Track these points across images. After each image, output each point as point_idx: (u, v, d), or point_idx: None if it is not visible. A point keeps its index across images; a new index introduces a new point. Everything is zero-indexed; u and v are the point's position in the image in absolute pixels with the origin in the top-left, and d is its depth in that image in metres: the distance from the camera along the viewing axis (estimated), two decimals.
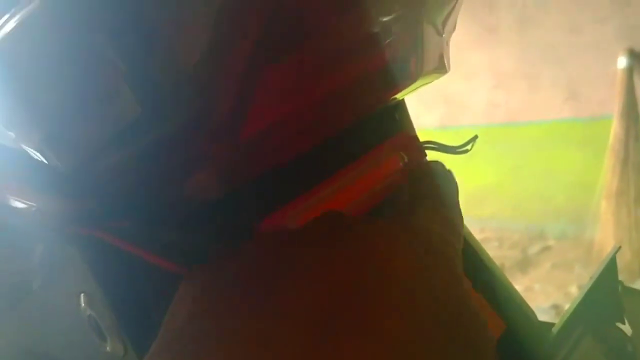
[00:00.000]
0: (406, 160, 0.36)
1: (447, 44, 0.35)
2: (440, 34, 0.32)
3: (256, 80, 0.25)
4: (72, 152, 0.25)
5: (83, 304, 0.31)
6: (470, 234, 0.41)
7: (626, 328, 0.40)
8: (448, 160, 0.42)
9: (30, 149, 0.25)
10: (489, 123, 2.63)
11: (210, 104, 0.24)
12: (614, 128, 2.27)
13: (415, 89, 0.34)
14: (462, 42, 2.43)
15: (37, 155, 0.25)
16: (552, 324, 0.40)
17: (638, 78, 2.23)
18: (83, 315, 0.32)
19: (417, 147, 0.37)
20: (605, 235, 2.34)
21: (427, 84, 0.34)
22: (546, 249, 2.59)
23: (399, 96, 0.34)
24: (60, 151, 0.25)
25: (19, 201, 0.29)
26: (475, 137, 0.41)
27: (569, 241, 2.56)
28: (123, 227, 0.28)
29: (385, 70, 0.28)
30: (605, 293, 0.41)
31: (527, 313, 0.39)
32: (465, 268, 0.39)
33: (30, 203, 0.28)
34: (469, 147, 0.41)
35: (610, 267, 0.41)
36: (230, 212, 0.30)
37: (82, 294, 0.31)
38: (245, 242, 0.28)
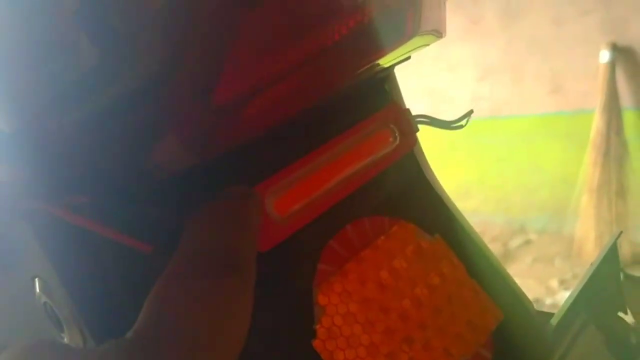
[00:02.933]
0: (397, 133, 0.33)
1: (445, 3, 0.32)
2: None
3: (232, 29, 0.22)
4: (18, 110, 0.21)
5: (38, 290, 0.28)
6: (463, 217, 0.38)
7: (628, 318, 0.38)
8: (430, 153, 0.39)
9: None
10: (472, 116, 2.62)
11: (178, 54, 0.21)
12: (596, 122, 2.27)
13: (407, 54, 0.32)
14: (447, 34, 2.40)
15: None
16: (551, 315, 0.38)
17: (620, 72, 2.24)
18: (38, 303, 0.28)
19: (408, 120, 0.34)
20: (586, 229, 2.35)
21: (421, 47, 0.32)
22: (527, 242, 2.59)
23: (389, 62, 0.31)
24: (5, 109, 0.21)
25: None
26: (471, 111, 0.38)
27: (550, 235, 2.56)
28: (81, 203, 0.25)
29: (377, 24, 0.25)
30: (606, 281, 0.39)
31: (524, 302, 0.37)
32: (460, 253, 0.36)
33: None
34: (463, 122, 0.38)
35: (612, 254, 0.39)
36: (203, 186, 0.27)
37: (36, 279, 0.28)
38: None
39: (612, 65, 2.23)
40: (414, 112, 0.37)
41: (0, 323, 0.33)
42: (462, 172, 2.68)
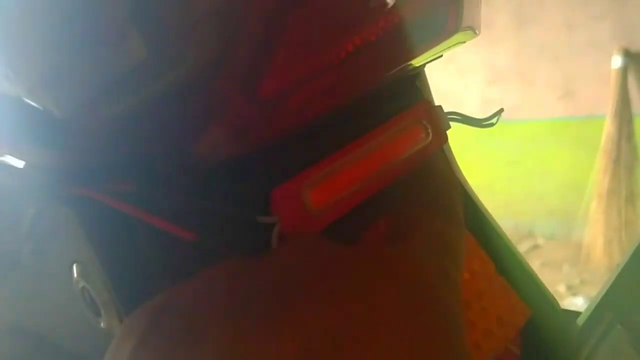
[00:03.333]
0: (429, 130, 0.34)
1: (481, 2, 0.32)
2: None
3: (280, 26, 0.22)
4: (70, 96, 0.22)
5: (76, 275, 0.28)
6: (491, 215, 0.39)
7: None
8: None
9: (24, 91, 0.22)
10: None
11: (228, 48, 0.21)
12: (607, 128, 2.26)
13: (441, 52, 0.32)
14: None
15: (31, 100, 0.22)
16: (578, 313, 0.38)
17: (632, 78, 2.23)
18: (75, 288, 0.29)
19: (440, 117, 0.35)
20: (595, 235, 2.34)
21: (457, 45, 0.32)
22: (535, 247, 2.58)
23: (423, 60, 0.31)
24: (57, 94, 0.22)
25: (8, 156, 0.25)
26: (501, 110, 0.38)
27: (558, 240, 2.56)
28: (127, 189, 0.26)
29: (420, 20, 0.25)
30: (633, 280, 0.39)
31: (551, 300, 0.37)
32: (489, 250, 0.36)
33: (22, 158, 0.25)
34: (494, 120, 0.38)
35: (638, 254, 0.39)
36: (244, 177, 0.27)
37: (74, 264, 0.28)
38: (281, 246, 0.25)
39: (624, 71, 2.22)
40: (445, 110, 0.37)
41: (37, 306, 0.33)
42: (471, 175, 2.66)
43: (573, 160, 2.43)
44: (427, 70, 0.37)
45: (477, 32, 0.32)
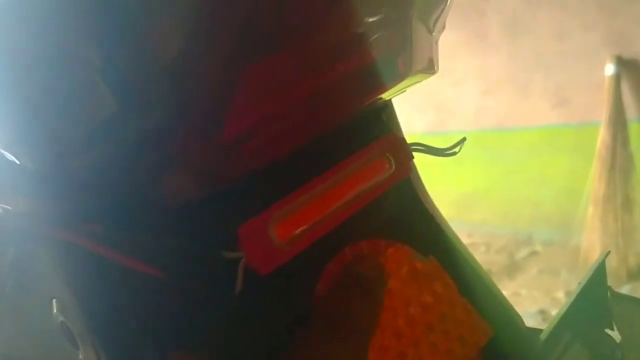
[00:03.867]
0: (392, 161, 0.35)
1: (436, 44, 0.34)
2: (430, 32, 0.31)
3: (237, 78, 0.24)
4: (43, 150, 0.23)
5: (55, 310, 0.30)
6: (458, 238, 0.40)
7: (615, 334, 0.40)
8: (438, 165, 0.41)
9: (1, 146, 0.24)
10: (478, 129, 2.62)
11: (189, 101, 0.23)
12: (602, 134, 2.27)
13: (403, 89, 0.34)
14: (452, 48, 2.42)
15: (8, 155, 0.24)
16: (540, 330, 0.39)
17: (625, 85, 2.24)
18: (56, 322, 0.31)
19: (404, 149, 0.36)
20: (592, 241, 2.34)
21: (415, 84, 0.34)
22: (533, 254, 2.58)
23: (386, 96, 0.33)
24: (31, 150, 0.24)
25: None
26: (464, 139, 0.40)
27: (556, 247, 2.56)
28: (98, 230, 0.27)
29: (371, 68, 0.27)
30: (594, 299, 0.40)
31: (514, 319, 0.38)
32: (453, 273, 0.38)
33: (1, 204, 0.27)
34: (457, 149, 0.40)
35: (599, 273, 0.41)
36: (211, 215, 0.29)
37: (54, 300, 0.30)
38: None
39: (617, 78, 2.23)
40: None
41: (21, 340, 0.35)
42: (469, 184, 2.69)
43: (569, 167, 2.44)
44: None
45: (434, 71, 0.34)
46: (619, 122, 2.25)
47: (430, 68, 0.33)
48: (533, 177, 2.55)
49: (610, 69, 2.23)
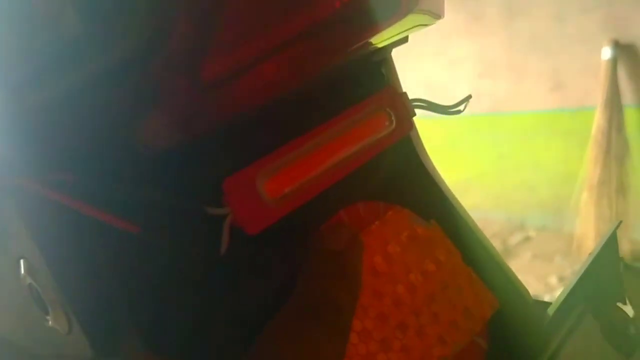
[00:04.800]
0: (393, 117, 0.33)
1: None
2: None
3: (220, 4, 0.21)
4: (0, 82, 0.21)
5: (23, 271, 0.27)
6: (460, 204, 0.38)
7: (628, 309, 0.37)
8: (431, 149, 0.39)
9: None
10: (473, 112, 2.60)
11: (166, 25, 0.20)
12: (597, 119, 2.26)
13: (403, 33, 0.31)
14: (448, 30, 2.40)
15: None
16: (548, 304, 0.37)
17: (622, 69, 2.23)
18: (24, 284, 0.28)
19: (405, 104, 0.34)
20: (586, 227, 2.34)
21: (418, 27, 0.31)
22: (527, 239, 2.58)
23: (384, 41, 0.30)
24: None
25: None
26: (469, 97, 0.38)
27: (549, 232, 2.56)
28: (67, 180, 0.25)
29: (369, 0, 0.24)
30: (605, 270, 0.38)
31: (521, 291, 0.36)
32: (455, 240, 0.36)
33: None
34: (461, 107, 0.38)
35: (611, 244, 0.39)
36: (194, 166, 0.26)
37: (22, 260, 0.27)
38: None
39: (613, 62, 2.21)
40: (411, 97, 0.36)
41: None
42: (462, 168, 2.67)
43: (564, 152, 2.43)
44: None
45: (440, 15, 0.31)
46: (615, 106, 2.24)
47: (437, 10, 0.30)
48: (527, 161, 2.54)
49: (607, 52, 2.21)
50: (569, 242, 2.40)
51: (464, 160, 2.69)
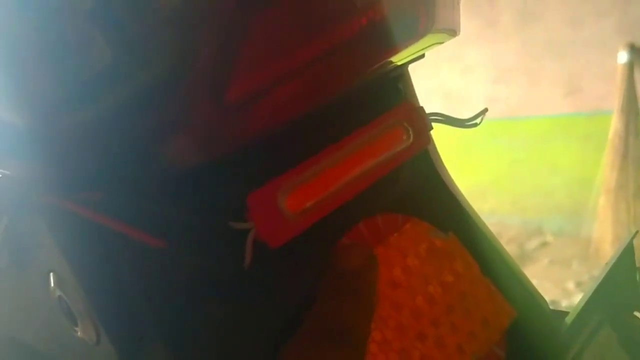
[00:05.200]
0: (410, 131, 0.33)
1: (459, 3, 0.32)
2: None
3: (243, 29, 0.22)
4: (33, 106, 0.22)
5: (52, 284, 0.28)
6: (478, 215, 0.38)
7: None
8: (448, 154, 0.39)
9: None
10: (488, 118, 2.59)
11: (191, 53, 0.21)
12: (614, 123, 2.25)
13: (420, 52, 0.31)
14: (463, 36, 2.39)
15: None
16: (566, 313, 0.37)
17: (638, 73, 2.21)
18: (53, 297, 0.29)
19: (422, 118, 0.34)
20: (603, 231, 2.32)
21: (434, 45, 0.31)
22: (544, 244, 2.57)
23: (403, 59, 0.31)
24: (20, 105, 0.22)
25: None
26: (485, 110, 0.38)
27: (567, 237, 2.54)
28: (96, 198, 0.25)
29: (389, 21, 0.25)
30: (622, 280, 0.38)
31: (538, 301, 0.36)
32: (473, 251, 0.36)
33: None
34: (478, 120, 0.38)
35: (628, 253, 0.39)
36: (218, 183, 0.27)
37: (51, 273, 0.28)
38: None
39: (630, 66, 2.20)
40: (428, 111, 0.37)
41: (17, 317, 0.33)
42: (479, 173, 2.67)
43: (580, 157, 2.42)
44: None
45: (456, 33, 0.32)
46: (631, 110, 2.23)
47: (453, 27, 0.30)
48: (544, 166, 2.53)
49: (623, 56, 2.20)
50: (587, 246, 2.39)
51: (480, 165, 2.68)
